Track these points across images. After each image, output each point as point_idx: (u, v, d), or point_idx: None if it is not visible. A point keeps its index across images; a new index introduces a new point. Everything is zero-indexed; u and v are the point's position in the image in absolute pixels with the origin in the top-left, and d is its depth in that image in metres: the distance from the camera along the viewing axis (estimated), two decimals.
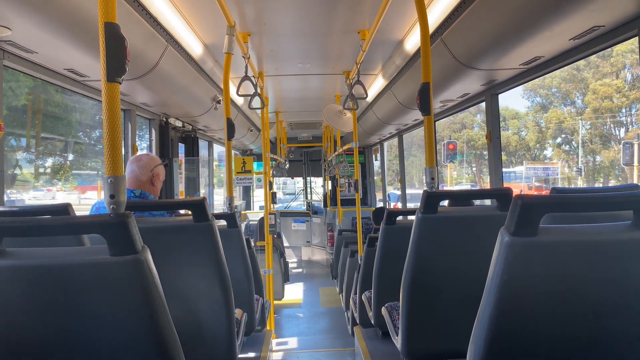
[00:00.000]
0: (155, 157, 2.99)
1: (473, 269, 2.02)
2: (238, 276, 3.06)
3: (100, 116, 5.77)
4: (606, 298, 1.37)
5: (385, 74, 5.13)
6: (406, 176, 8.03)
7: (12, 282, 1.31)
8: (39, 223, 1.35)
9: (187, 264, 2.20)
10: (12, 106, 3.58)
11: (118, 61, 1.33)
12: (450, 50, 3.39)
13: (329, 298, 7.78)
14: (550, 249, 1.33)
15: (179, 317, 2.19)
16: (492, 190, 2.34)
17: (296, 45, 4.33)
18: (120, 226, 1.27)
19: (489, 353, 1.42)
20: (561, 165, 29.08)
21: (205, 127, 6.47)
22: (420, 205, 2.15)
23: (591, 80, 27.86)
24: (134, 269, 1.29)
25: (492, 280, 1.37)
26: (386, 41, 4.17)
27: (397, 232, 3.08)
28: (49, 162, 5.91)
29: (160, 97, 4.40)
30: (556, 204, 1.37)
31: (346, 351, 5.14)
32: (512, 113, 32.71)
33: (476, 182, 30.96)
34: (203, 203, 2.12)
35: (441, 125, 31.48)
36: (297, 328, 6.36)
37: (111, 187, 1.33)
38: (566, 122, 29.87)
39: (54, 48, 2.72)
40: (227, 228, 3.00)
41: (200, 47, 4.02)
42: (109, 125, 1.33)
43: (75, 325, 1.36)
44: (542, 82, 29.85)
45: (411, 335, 2.30)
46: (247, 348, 3.88)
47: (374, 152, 10.20)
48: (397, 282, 2.33)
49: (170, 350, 1.38)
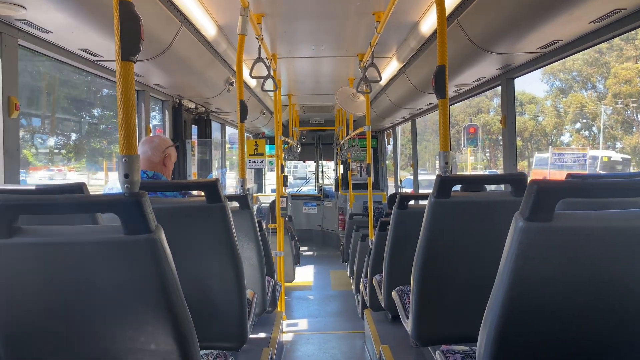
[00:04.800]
0: (166, 138, 3.01)
1: (485, 254, 2.01)
2: (250, 257, 3.09)
3: (104, 93, 5.79)
4: (621, 285, 1.36)
5: (400, 57, 5.07)
6: (419, 161, 7.99)
7: (27, 259, 1.33)
8: (55, 201, 1.37)
9: (200, 245, 2.21)
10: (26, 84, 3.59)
11: (133, 40, 1.33)
12: (466, 32, 3.33)
13: (340, 281, 7.82)
14: (565, 234, 1.31)
15: (192, 297, 2.22)
16: (507, 176, 2.32)
17: (310, 27, 4.29)
18: (134, 205, 1.28)
19: (500, 338, 1.41)
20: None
21: (218, 109, 6.47)
22: (433, 189, 2.13)
23: (614, 64, 27.13)
24: (148, 248, 1.30)
25: (505, 266, 1.36)
26: (401, 23, 4.11)
27: (409, 216, 3.07)
28: (59, 141, 5.94)
29: (173, 79, 4.40)
30: (573, 190, 1.35)
31: (356, 334, 5.18)
32: (529, 97, 32.11)
33: (490, 167, 30.56)
34: (216, 184, 2.13)
35: (456, 110, 31.09)
36: (307, 310, 6.42)
37: (125, 166, 1.33)
38: (588, 106, 29.20)
39: (68, 27, 2.72)
40: (239, 209, 3.01)
41: (214, 28, 4.00)
42: (124, 104, 1.33)
43: (88, 302, 1.38)
44: (562, 65, 29.13)
45: (422, 319, 2.30)
46: (258, 328, 3.93)
47: (387, 136, 10.14)
48: (408, 266, 2.33)
49: (183, 328, 1.40)
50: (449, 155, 2.28)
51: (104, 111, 6.52)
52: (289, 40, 4.72)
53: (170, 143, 2.99)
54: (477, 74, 4.20)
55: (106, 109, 6.42)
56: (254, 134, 10.82)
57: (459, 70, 4.08)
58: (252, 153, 7.40)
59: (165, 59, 3.53)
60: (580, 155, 25.74)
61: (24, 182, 2.99)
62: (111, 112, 6.45)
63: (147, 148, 2.87)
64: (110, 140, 7.10)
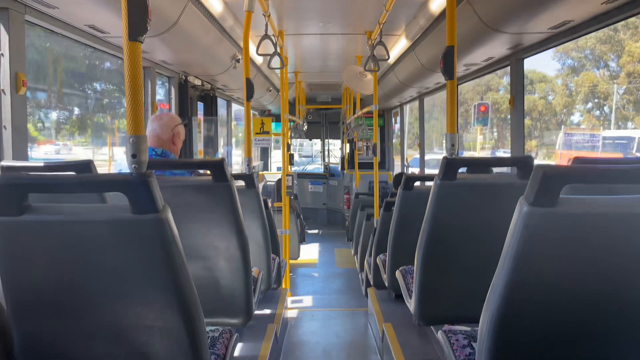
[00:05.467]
0: (175, 116, 3.01)
1: (490, 236, 2.02)
2: (255, 236, 3.12)
3: (106, 66, 5.76)
4: (626, 272, 1.36)
5: (409, 35, 5.01)
6: (426, 140, 7.95)
7: (37, 237, 1.36)
8: (64, 180, 1.38)
9: (206, 223, 2.24)
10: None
11: (140, 20, 1.32)
12: (476, 11, 3.28)
13: (344, 259, 7.88)
14: (570, 220, 1.32)
15: (198, 275, 2.26)
16: (513, 158, 2.31)
17: (318, 3, 4.24)
18: (142, 185, 1.29)
19: (501, 320, 1.43)
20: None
21: (224, 86, 6.45)
22: (439, 171, 2.13)
23: (628, 42, 26.49)
24: (155, 227, 1.32)
25: (509, 250, 1.37)
26: (410, 0, 4.05)
27: (414, 197, 3.07)
28: (62, 116, 5.92)
29: (179, 56, 4.37)
30: (579, 175, 1.35)
31: (360, 311, 5.24)
32: (539, 76, 31.58)
33: (498, 147, 30.25)
34: (222, 163, 2.14)
35: (465, 87, 30.68)
36: (312, 287, 6.48)
37: (133, 146, 1.34)
38: (600, 85, 28.65)
39: (75, 3, 2.71)
40: (245, 188, 3.03)
41: (221, 4, 3.96)
42: (131, 85, 1.33)
43: (96, 280, 1.41)
44: (574, 44, 28.45)
45: (425, 299, 2.33)
46: (263, 305, 3.98)
47: (394, 115, 10.08)
48: (412, 246, 2.35)
49: (189, 306, 1.43)
50: (455, 137, 2.27)
51: (107, 85, 6.48)
52: (297, 17, 4.67)
53: (180, 121, 2.99)
54: (487, 53, 4.15)
55: (109, 83, 6.39)
56: (260, 111, 10.78)
57: (468, 50, 4.03)
58: (258, 131, 7.40)
59: (172, 35, 3.50)
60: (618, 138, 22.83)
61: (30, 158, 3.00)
62: (114, 87, 6.43)
63: (156, 125, 2.87)
64: (114, 115, 7.09)
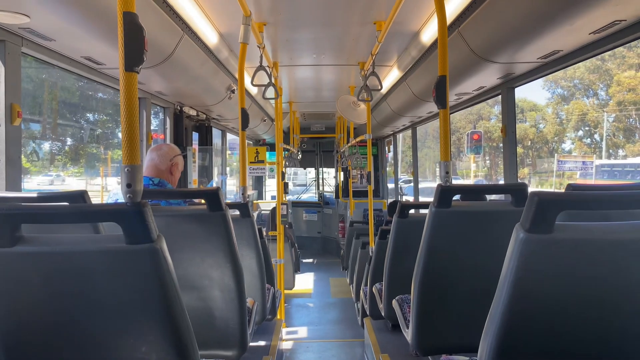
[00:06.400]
0: (175, 147, 3.02)
1: (486, 264, 2.01)
2: (250, 265, 3.09)
3: (98, 96, 5.79)
4: (623, 299, 1.35)
5: (401, 66, 5.09)
6: (419, 168, 8.00)
7: (29, 268, 1.34)
8: (57, 210, 1.37)
9: (201, 253, 2.22)
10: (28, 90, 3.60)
11: (136, 51, 1.34)
12: (467, 42, 3.35)
13: (340, 289, 7.80)
14: (566, 246, 1.32)
15: (192, 305, 2.23)
16: (508, 186, 2.32)
17: (311, 35, 4.31)
18: (136, 215, 1.28)
19: (500, 349, 1.41)
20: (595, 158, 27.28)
21: (219, 116, 6.49)
22: (434, 198, 2.14)
23: (616, 72, 27.06)
24: (150, 258, 1.30)
25: (506, 277, 1.36)
26: (402, 32, 4.13)
27: (409, 225, 3.07)
28: (55, 147, 5.93)
29: (175, 86, 4.41)
30: (574, 202, 1.35)
31: (356, 342, 5.17)
32: (530, 105, 32.05)
33: (491, 176, 30.39)
34: (217, 193, 2.14)
35: (457, 116, 30.99)
36: (307, 318, 6.40)
37: (128, 176, 1.34)
38: (590, 114, 29.07)
39: (71, 36, 2.74)
40: (240, 217, 3.02)
41: (216, 36, 4.02)
42: (127, 114, 1.34)
43: (89, 312, 1.38)
44: (563, 73, 29.02)
45: (422, 329, 2.30)
46: (258, 336, 3.92)
47: (387, 144, 10.15)
48: (409, 275, 2.33)
49: (184, 337, 1.40)
50: (449, 165, 2.29)
51: (99, 115, 6.51)
52: (291, 49, 4.74)
53: (179, 152, 3.01)
54: (478, 83, 4.22)
55: (101, 114, 6.42)
56: (254, 140, 10.83)
57: (459, 80, 4.10)
58: (253, 160, 7.42)
59: (167, 66, 3.54)
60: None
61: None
62: (107, 117, 6.46)
63: (155, 155, 2.89)
64: (107, 145, 7.10)
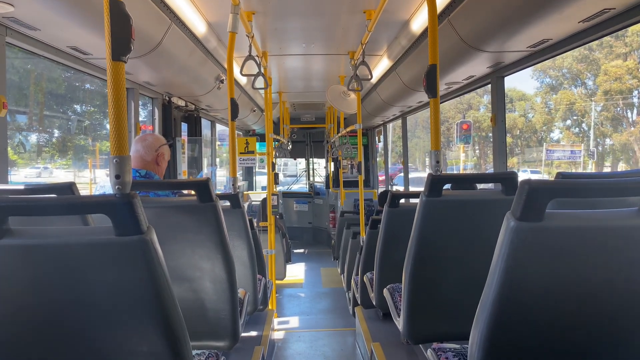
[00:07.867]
0: (160, 137, 2.99)
1: (477, 252, 2.03)
2: (241, 256, 3.08)
3: (86, 87, 5.72)
4: (612, 285, 1.37)
5: (391, 55, 5.08)
6: (409, 158, 8.02)
7: (18, 261, 1.32)
8: (45, 202, 1.35)
9: (191, 244, 2.21)
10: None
11: (123, 40, 1.32)
12: (457, 31, 3.35)
13: (331, 278, 7.83)
14: (556, 234, 1.33)
15: (184, 297, 2.22)
16: (498, 174, 2.33)
17: (301, 24, 4.28)
18: (125, 206, 1.27)
19: (491, 337, 1.43)
20: (584, 148, 27.47)
21: (208, 107, 6.44)
22: (424, 188, 2.14)
23: (604, 61, 27.21)
24: (140, 249, 1.29)
25: (497, 265, 1.37)
26: (392, 21, 4.11)
27: (400, 214, 3.08)
28: (42, 138, 5.86)
29: (163, 76, 4.36)
30: (564, 190, 1.36)
31: (347, 331, 5.20)
32: (519, 94, 32.19)
33: (480, 165, 30.56)
34: (207, 184, 2.13)
35: (447, 106, 31.06)
36: (298, 308, 6.42)
37: (117, 167, 1.32)
38: (577, 103, 29.25)
39: (57, 25, 2.69)
40: (230, 208, 3.01)
41: (204, 25, 3.97)
42: (115, 105, 1.32)
43: (79, 303, 1.37)
44: (552, 62, 29.08)
45: (413, 317, 2.31)
46: (249, 327, 3.93)
47: (378, 134, 10.16)
48: (400, 264, 2.34)
49: (175, 329, 1.40)
50: (440, 154, 2.29)
51: (87, 107, 6.44)
52: (280, 38, 4.71)
53: (164, 142, 2.97)
54: (468, 72, 4.22)
55: (89, 105, 6.35)
56: (244, 131, 10.78)
57: (449, 69, 4.10)
58: (243, 151, 7.39)
59: (155, 56, 3.50)
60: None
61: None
62: (95, 108, 6.39)
63: (139, 146, 2.85)
64: (95, 136, 7.03)
